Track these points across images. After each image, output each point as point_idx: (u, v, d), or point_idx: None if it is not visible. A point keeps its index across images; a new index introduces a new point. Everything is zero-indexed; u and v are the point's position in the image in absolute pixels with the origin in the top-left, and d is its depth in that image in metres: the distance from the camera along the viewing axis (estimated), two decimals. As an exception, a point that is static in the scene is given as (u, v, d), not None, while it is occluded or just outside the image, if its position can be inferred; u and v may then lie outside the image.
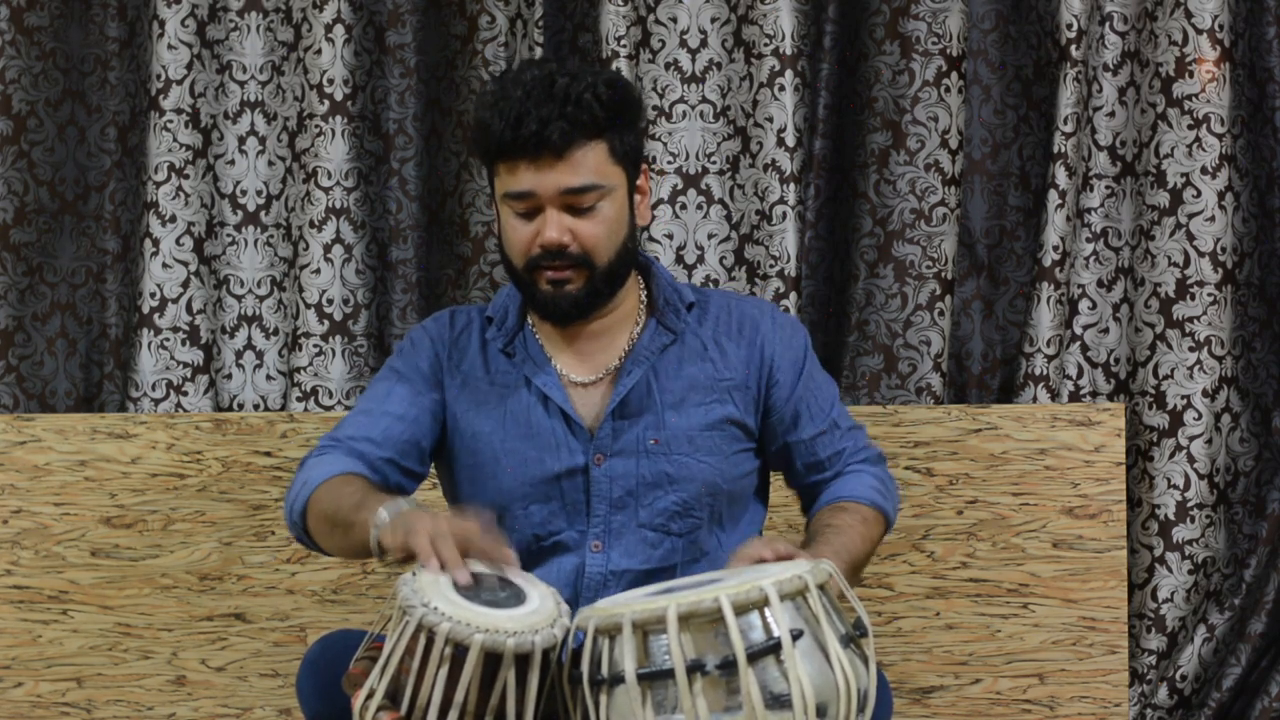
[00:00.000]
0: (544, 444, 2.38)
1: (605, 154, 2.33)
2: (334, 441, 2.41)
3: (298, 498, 2.36)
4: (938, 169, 3.60)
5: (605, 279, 2.36)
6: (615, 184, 2.34)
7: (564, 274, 2.33)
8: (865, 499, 2.42)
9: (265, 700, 3.48)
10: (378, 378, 2.48)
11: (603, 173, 2.33)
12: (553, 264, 2.33)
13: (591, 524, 2.37)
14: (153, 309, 3.65)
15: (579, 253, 2.33)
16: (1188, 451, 3.61)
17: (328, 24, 3.62)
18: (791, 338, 2.46)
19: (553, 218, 2.31)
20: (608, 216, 2.34)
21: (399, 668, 2.03)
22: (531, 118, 2.27)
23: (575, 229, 2.32)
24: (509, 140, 2.29)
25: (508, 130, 2.29)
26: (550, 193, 2.31)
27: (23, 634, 3.49)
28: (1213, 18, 3.58)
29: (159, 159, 3.65)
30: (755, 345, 2.43)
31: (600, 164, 2.33)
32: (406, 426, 2.41)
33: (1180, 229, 3.61)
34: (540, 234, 2.32)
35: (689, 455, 2.37)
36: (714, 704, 1.93)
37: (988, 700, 3.47)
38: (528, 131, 2.27)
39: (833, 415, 2.47)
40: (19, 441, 3.49)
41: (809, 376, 2.46)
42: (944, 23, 3.60)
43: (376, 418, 2.41)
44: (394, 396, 2.43)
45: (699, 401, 2.39)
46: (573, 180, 2.31)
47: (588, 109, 2.29)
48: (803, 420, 2.44)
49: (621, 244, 2.36)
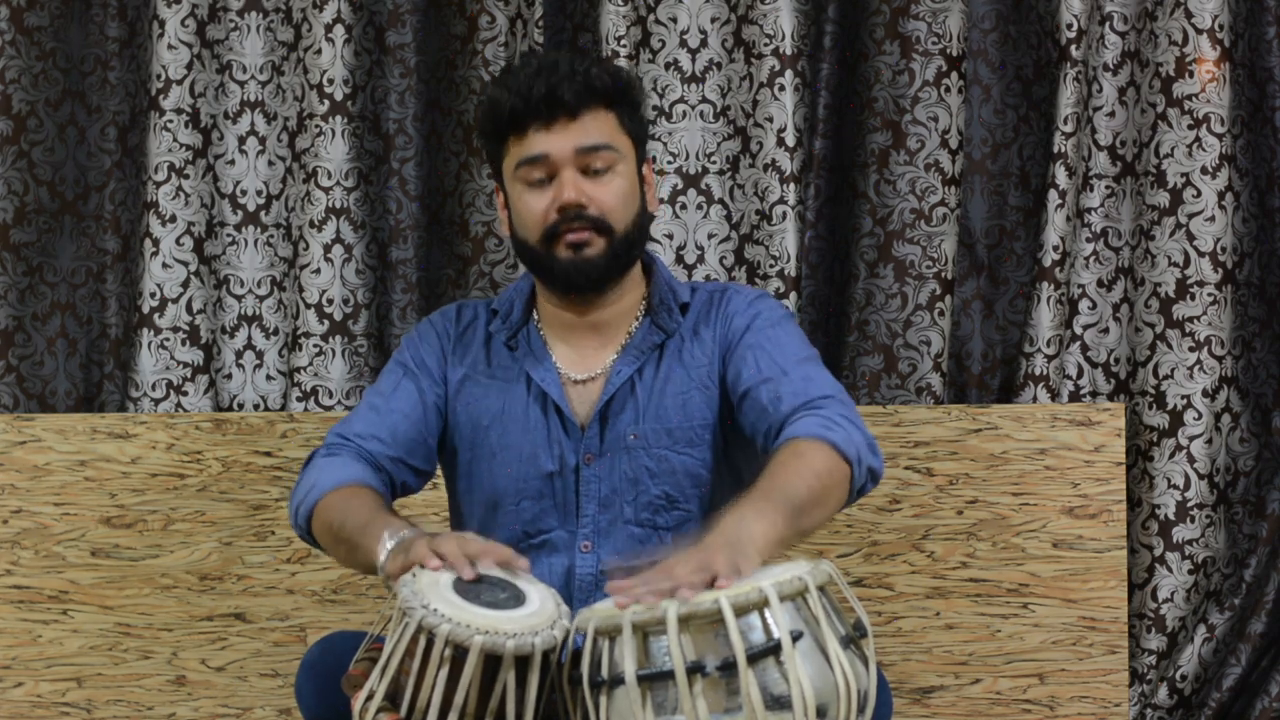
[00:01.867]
0: (539, 440, 2.39)
1: (615, 122, 2.36)
2: (343, 440, 2.41)
3: (304, 501, 2.36)
4: (938, 169, 3.61)
5: (624, 244, 2.36)
6: (625, 152, 2.37)
7: (584, 234, 2.34)
8: (803, 435, 2.22)
9: (265, 700, 3.48)
10: (386, 370, 2.49)
11: (614, 137, 2.36)
12: (571, 225, 2.33)
13: (581, 524, 2.37)
14: (153, 309, 3.65)
15: (597, 214, 2.34)
16: (1188, 451, 3.61)
17: (328, 24, 3.62)
18: (752, 303, 2.43)
19: (569, 178, 2.33)
20: (621, 183, 2.36)
21: (399, 669, 2.03)
22: (541, 83, 2.31)
23: (591, 191, 2.34)
24: (520, 107, 2.32)
25: (518, 98, 2.32)
26: (565, 153, 2.33)
27: (23, 634, 3.49)
28: (1213, 18, 3.58)
29: (159, 159, 3.65)
30: (724, 321, 2.41)
31: (611, 130, 2.35)
32: (414, 425, 2.42)
33: (1180, 229, 3.61)
34: (556, 199, 2.33)
35: (668, 448, 2.37)
36: (714, 705, 1.93)
37: (988, 700, 3.47)
38: (539, 94, 2.31)
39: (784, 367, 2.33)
40: (19, 441, 3.49)
41: (759, 331, 2.38)
42: (944, 23, 3.60)
43: (384, 415, 2.42)
44: (401, 393, 2.44)
45: (676, 392, 2.39)
46: (586, 138, 2.33)
47: (597, 78, 2.33)
48: (746, 371, 2.34)
49: (636, 214, 2.38)
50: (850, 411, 2.27)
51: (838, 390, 2.31)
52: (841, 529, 3.45)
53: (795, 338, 2.40)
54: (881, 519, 3.46)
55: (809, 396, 2.28)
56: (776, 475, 2.15)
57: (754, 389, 2.32)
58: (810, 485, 2.15)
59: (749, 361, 2.34)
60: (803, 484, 2.14)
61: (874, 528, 3.46)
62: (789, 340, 2.38)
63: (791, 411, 2.26)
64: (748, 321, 2.39)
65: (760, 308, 2.42)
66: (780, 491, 2.12)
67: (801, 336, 2.43)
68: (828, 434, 2.21)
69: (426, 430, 2.43)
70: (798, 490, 2.13)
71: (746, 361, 2.35)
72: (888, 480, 3.44)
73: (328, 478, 2.36)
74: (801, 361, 2.35)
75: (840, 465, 2.20)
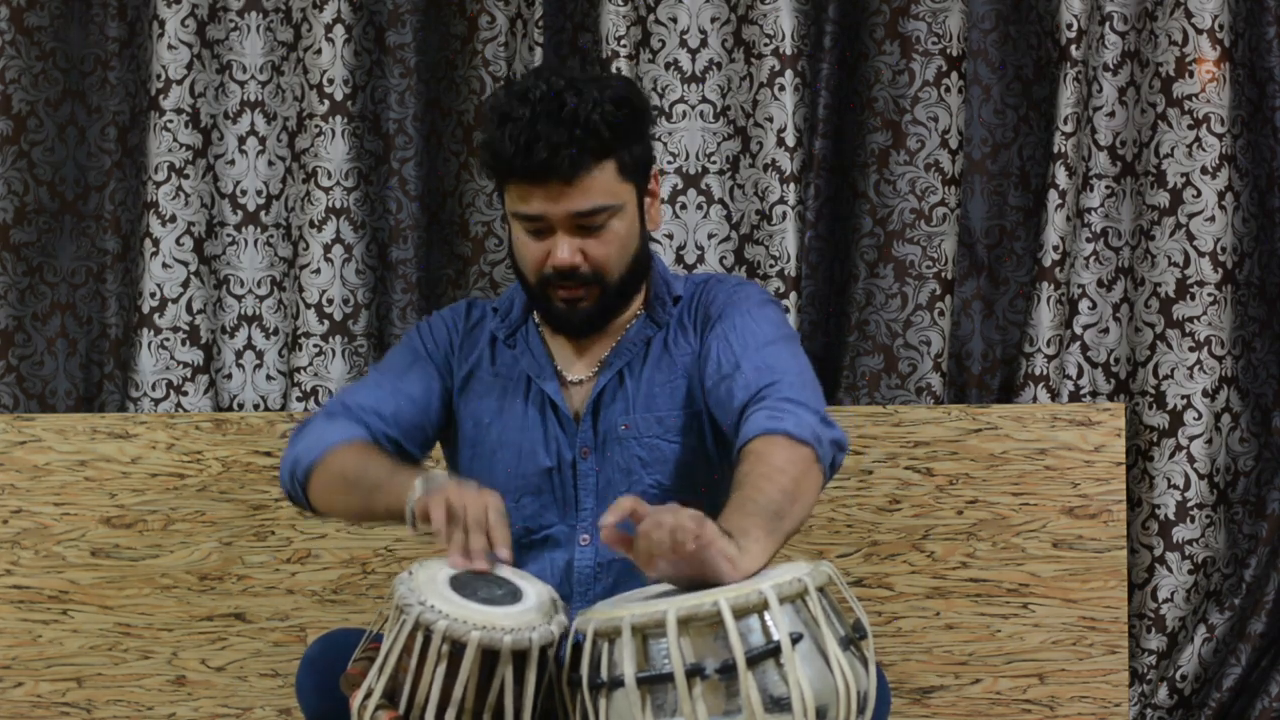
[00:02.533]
0: (537, 437, 2.40)
1: (614, 173, 2.33)
2: (344, 408, 2.42)
3: (308, 450, 2.36)
4: (938, 169, 3.60)
5: (618, 293, 2.38)
6: (625, 201, 2.35)
7: (577, 293, 2.35)
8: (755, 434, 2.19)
9: (265, 700, 3.48)
10: (395, 351, 2.49)
11: (613, 192, 2.33)
12: (565, 284, 2.34)
13: (580, 517, 2.39)
14: (153, 309, 3.65)
15: (590, 272, 2.34)
16: (1188, 451, 3.61)
17: (328, 24, 3.62)
18: (730, 292, 2.41)
19: (564, 241, 2.32)
20: (618, 234, 2.35)
21: (396, 666, 2.03)
22: (541, 145, 2.27)
23: (586, 249, 2.33)
24: (519, 166, 2.29)
25: (518, 156, 2.28)
26: (560, 216, 2.32)
27: (23, 634, 3.49)
28: (1213, 18, 3.58)
29: (159, 159, 3.64)
30: (703, 310, 2.41)
31: (610, 184, 2.33)
32: (417, 411, 2.43)
33: (1180, 229, 3.61)
34: (552, 255, 2.33)
35: (659, 437, 2.38)
36: (714, 708, 1.93)
37: (988, 700, 3.47)
38: (538, 159, 2.27)
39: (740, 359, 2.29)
40: (19, 441, 3.49)
41: (727, 319, 2.36)
42: (944, 23, 3.59)
43: (390, 394, 2.43)
44: (411, 377, 2.45)
45: (665, 381, 2.39)
46: (583, 204, 2.31)
47: (596, 132, 2.28)
48: (709, 366, 2.33)
49: (633, 258, 2.38)
50: (799, 389, 2.24)
51: (789, 370, 2.28)
52: (841, 529, 3.45)
53: (765, 321, 2.37)
54: (881, 519, 3.46)
55: (757, 387, 2.25)
56: (744, 487, 2.12)
57: (714, 387, 2.32)
58: (781, 486, 2.13)
59: (713, 355, 2.34)
60: (773, 487, 2.12)
61: (874, 528, 3.46)
62: (756, 326, 2.35)
63: (743, 407, 2.25)
64: (720, 311, 2.39)
65: (737, 295, 2.40)
66: (752, 502, 2.10)
67: (774, 320, 2.39)
68: (778, 424, 2.18)
69: (427, 419, 2.44)
70: (770, 497, 2.11)
71: (711, 355, 2.34)
72: (888, 480, 3.44)
73: (336, 434, 2.37)
74: (762, 347, 2.32)
75: (801, 451, 2.17)
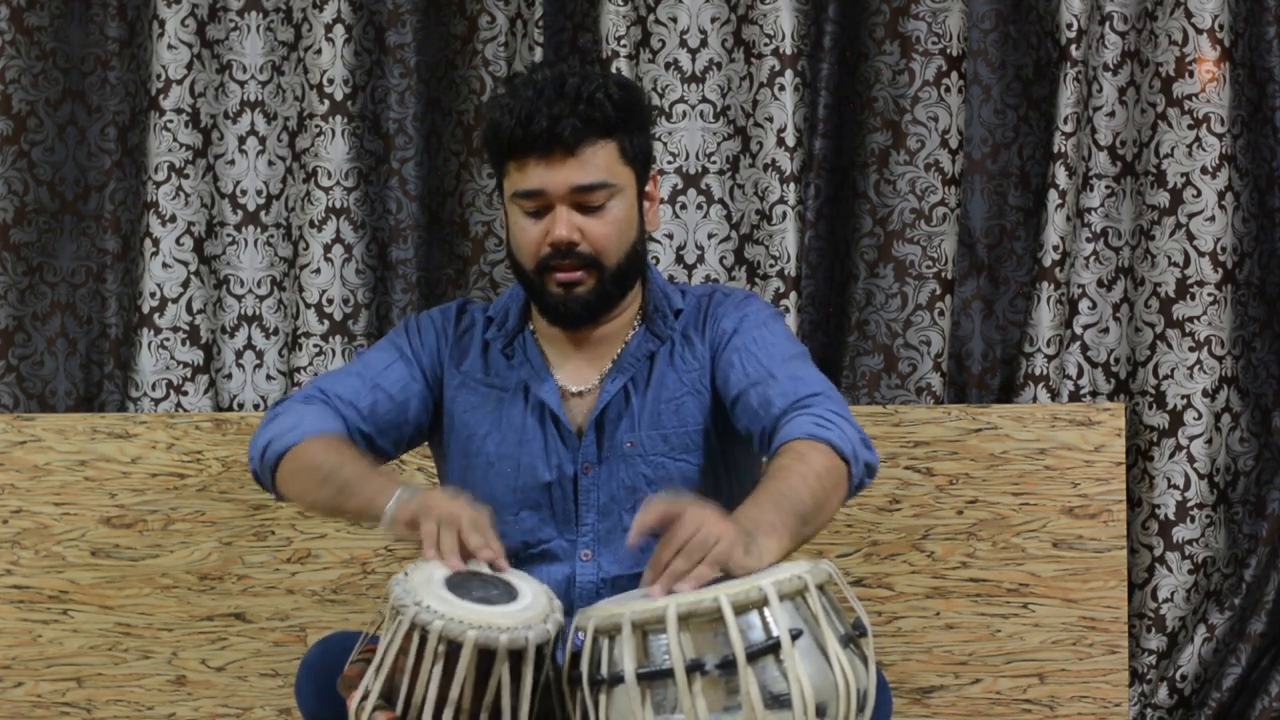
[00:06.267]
0: (536, 451, 2.38)
1: (616, 153, 2.33)
2: (323, 395, 2.41)
3: (283, 435, 2.34)
4: (938, 169, 3.61)
5: (615, 280, 2.36)
6: (625, 184, 2.34)
7: (574, 274, 2.33)
8: (799, 435, 2.20)
9: (265, 700, 3.48)
10: (379, 346, 2.48)
11: (613, 172, 2.33)
12: (563, 263, 2.32)
13: (581, 533, 2.37)
14: (153, 309, 3.65)
15: (589, 252, 2.33)
16: (1188, 451, 3.61)
17: (328, 24, 3.62)
18: (739, 305, 2.42)
19: (562, 215, 2.31)
20: (617, 216, 2.34)
21: (393, 667, 2.02)
22: (543, 115, 2.27)
23: (585, 228, 2.32)
24: (520, 137, 2.29)
25: (519, 127, 2.29)
26: (561, 190, 2.31)
27: (23, 634, 3.49)
28: (1213, 18, 3.58)
29: (159, 159, 3.65)
30: (712, 324, 2.41)
31: (611, 163, 2.33)
32: (394, 409, 2.42)
33: (1180, 229, 3.61)
34: (550, 232, 2.32)
35: (664, 455, 2.37)
36: (713, 704, 1.93)
37: (988, 700, 3.47)
38: (539, 128, 2.28)
39: (771, 368, 2.31)
40: (19, 441, 3.49)
41: (745, 333, 2.37)
42: (944, 23, 3.60)
43: (369, 388, 2.42)
44: (391, 374, 2.43)
45: (670, 399, 2.38)
46: (583, 177, 2.30)
47: (600, 107, 2.29)
48: (734, 375, 2.33)
49: (631, 246, 2.36)
50: (840, 407, 2.26)
51: (826, 386, 2.30)
52: (841, 529, 3.45)
53: (782, 337, 2.39)
54: (881, 519, 3.46)
55: (798, 395, 2.27)
56: (779, 480, 2.13)
57: (744, 393, 2.31)
58: (813, 489, 2.13)
59: (736, 365, 2.34)
60: (805, 489, 2.12)
61: (874, 528, 3.46)
62: (775, 340, 2.37)
63: (782, 413, 2.25)
64: (735, 324, 2.39)
65: (747, 309, 2.41)
66: (785, 499, 2.10)
67: (789, 335, 2.42)
68: (824, 433, 2.20)
69: (402, 419, 2.42)
70: (801, 497, 2.12)
71: (734, 365, 2.34)
72: (888, 480, 3.44)
73: (313, 423, 2.35)
74: (788, 360, 2.34)
75: (838, 464, 2.19)
